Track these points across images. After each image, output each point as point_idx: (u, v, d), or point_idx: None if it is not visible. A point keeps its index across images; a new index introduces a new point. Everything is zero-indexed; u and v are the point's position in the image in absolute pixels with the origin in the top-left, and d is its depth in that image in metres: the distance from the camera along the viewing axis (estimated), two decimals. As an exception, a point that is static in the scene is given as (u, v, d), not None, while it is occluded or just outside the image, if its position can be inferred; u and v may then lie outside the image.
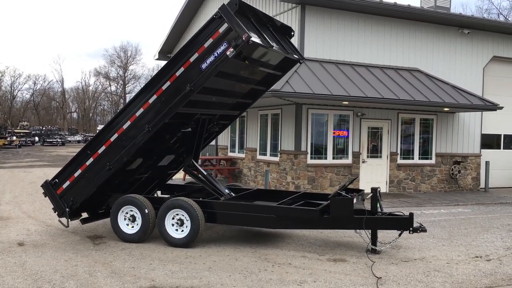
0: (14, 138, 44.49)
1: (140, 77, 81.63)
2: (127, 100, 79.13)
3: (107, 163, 7.85)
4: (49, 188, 8.32)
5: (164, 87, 7.45)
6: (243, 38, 6.83)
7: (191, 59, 7.29)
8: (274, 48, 7.74)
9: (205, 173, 8.90)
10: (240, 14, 7.29)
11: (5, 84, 74.48)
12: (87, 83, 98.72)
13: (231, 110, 9.47)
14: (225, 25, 7.01)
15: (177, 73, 7.38)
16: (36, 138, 52.04)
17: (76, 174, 8.10)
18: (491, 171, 17.02)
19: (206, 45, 7.18)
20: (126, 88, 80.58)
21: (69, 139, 57.80)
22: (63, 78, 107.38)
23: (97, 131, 64.45)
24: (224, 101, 8.92)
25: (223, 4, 7.07)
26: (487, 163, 16.74)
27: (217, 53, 7.11)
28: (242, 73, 8.27)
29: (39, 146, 48.66)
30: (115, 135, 7.80)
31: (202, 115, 8.77)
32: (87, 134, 64.63)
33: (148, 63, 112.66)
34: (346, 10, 14.69)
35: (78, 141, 58.90)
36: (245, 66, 7.93)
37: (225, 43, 7.05)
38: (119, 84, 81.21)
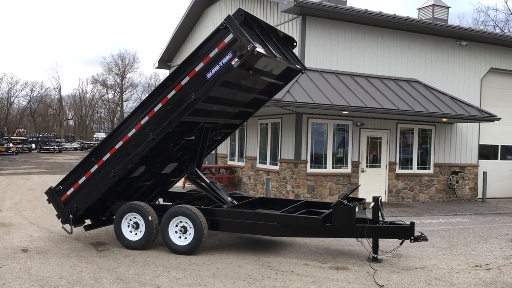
0: (11, 145, 44.27)
1: (138, 85, 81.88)
2: (124, 108, 79.22)
3: (111, 170, 7.92)
4: (53, 195, 8.38)
5: (169, 96, 7.55)
6: (248, 49, 6.94)
7: (197, 69, 7.39)
8: (277, 58, 7.86)
9: (208, 181, 8.98)
10: (245, 25, 7.42)
11: (2, 90, 74.56)
12: (84, 91, 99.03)
13: (234, 119, 9.58)
14: (231, 36, 7.13)
15: (183, 82, 7.48)
16: (33, 145, 51.80)
17: (80, 181, 8.16)
18: (488, 181, 17.15)
19: (211, 55, 7.29)
20: (124, 96, 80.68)
21: (66, 146, 57.55)
22: (60, 85, 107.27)
23: (94, 138, 64.06)
24: (227, 110, 9.04)
25: (229, 15, 7.20)
26: (484, 173, 16.89)
27: (222, 63, 7.22)
28: (246, 83, 8.39)
29: (36, 153, 48.48)
30: (120, 143, 7.88)
31: (206, 124, 8.87)
32: (84, 142, 64.44)
33: (146, 71, 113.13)
34: (346, 21, 14.88)
35: (75, 148, 58.70)
36: (249, 75, 8.05)
37: (230, 53, 7.16)
38: (117, 91, 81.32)
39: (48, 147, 50.59)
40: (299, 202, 9.26)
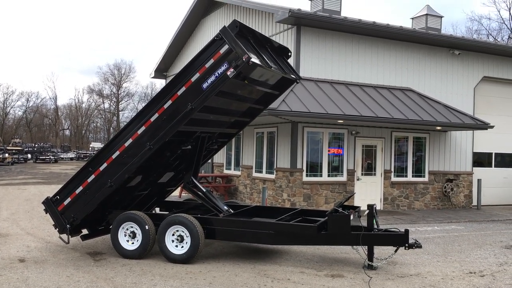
0: (7, 155, 44.14)
1: (134, 94, 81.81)
2: (120, 118, 79.17)
3: (108, 180, 7.99)
4: (50, 204, 8.42)
5: (166, 106, 7.65)
6: (244, 59, 7.06)
7: (193, 79, 7.50)
8: (272, 68, 7.98)
9: (204, 190, 9.04)
10: (240, 35, 7.55)
11: (-2, 101, 74.36)
12: (80, 100, 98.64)
13: (230, 128, 9.66)
14: (226, 46, 7.25)
15: (179, 92, 7.58)
16: (29, 155, 51.65)
17: (77, 191, 8.22)
18: (483, 189, 17.26)
19: (207, 65, 7.41)
20: (120, 106, 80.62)
21: (62, 156, 57.44)
22: (56, 95, 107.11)
23: (90, 148, 63.64)
24: (223, 120, 9.13)
25: (224, 26, 7.32)
26: (479, 181, 17.00)
27: (218, 73, 7.34)
28: (241, 93, 8.49)
29: (32, 163, 48.38)
30: (117, 152, 7.96)
31: (202, 133, 8.95)
32: (80, 151, 64.33)
33: (142, 81, 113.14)
34: (340, 31, 15.05)
35: (71, 158, 58.57)
36: (244, 85, 8.15)
37: (225, 64, 7.27)
38: (113, 101, 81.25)
39: (44, 157, 50.50)
40: (295, 211, 9.33)
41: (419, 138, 16.47)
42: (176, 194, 17.23)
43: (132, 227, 8.19)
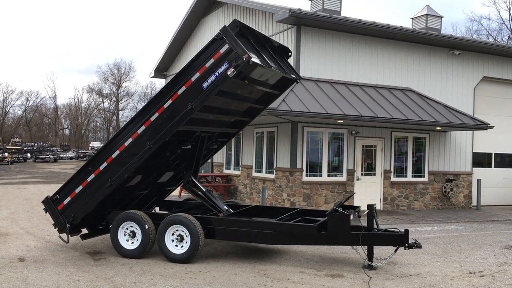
0: (6, 154, 44.11)
1: (134, 94, 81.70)
2: (120, 117, 79.15)
3: (108, 179, 7.98)
4: (50, 204, 8.42)
5: (166, 106, 7.64)
6: (244, 59, 7.05)
7: (193, 79, 7.49)
8: (272, 68, 7.98)
9: (204, 190, 9.04)
10: (240, 35, 7.54)
11: (-2, 100, 74.34)
12: (80, 100, 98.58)
13: (230, 128, 9.66)
14: (226, 46, 7.24)
15: (179, 92, 7.58)
16: (28, 155, 51.57)
17: (77, 190, 8.22)
18: (482, 189, 17.26)
19: (207, 65, 7.40)
20: (119, 105, 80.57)
21: (61, 155, 57.40)
22: (56, 95, 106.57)
23: (90, 147, 63.47)
24: (223, 119, 9.13)
25: (224, 26, 7.31)
26: (478, 181, 17.00)
27: (218, 72, 7.33)
28: (241, 92, 8.48)
29: (31, 162, 48.33)
30: (117, 152, 7.95)
31: (202, 133, 8.95)
32: (80, 151, 64.25)
33: (142, 80, 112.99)
34: (340, 31, 15.05)
35: (71, 158, 58.51)
36: (244, 85, 8.15)
37: (226, 63, 7.27)
38: (112, 101, 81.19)
39: (44, 157, 50.46)
40: (294, 210, 9.33)
41: (419, 138, 16.47)
42: (176, 194, 17.23)
43: (132, 226, 8.18)
